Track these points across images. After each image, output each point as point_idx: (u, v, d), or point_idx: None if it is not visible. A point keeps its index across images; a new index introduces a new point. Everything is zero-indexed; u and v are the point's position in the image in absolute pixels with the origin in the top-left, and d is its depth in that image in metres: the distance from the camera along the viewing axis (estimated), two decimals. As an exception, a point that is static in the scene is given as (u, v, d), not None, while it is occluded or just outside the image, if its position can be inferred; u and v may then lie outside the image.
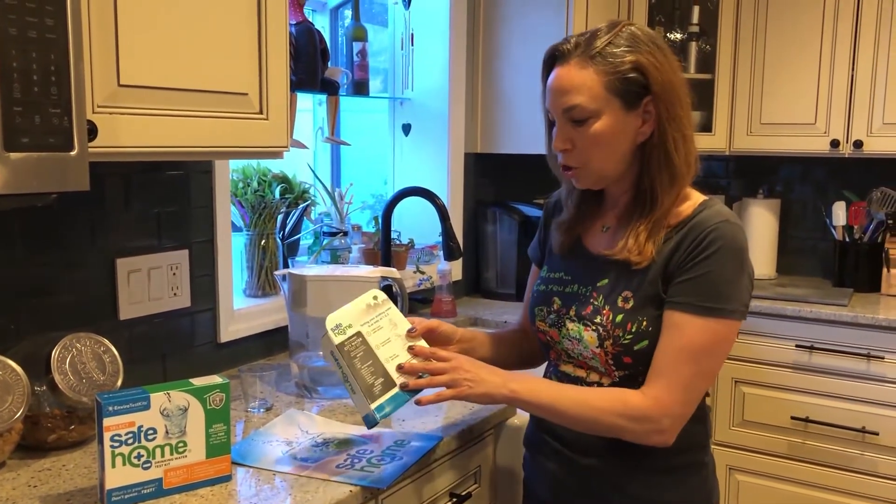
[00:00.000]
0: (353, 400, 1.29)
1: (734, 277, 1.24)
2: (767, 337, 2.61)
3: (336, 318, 1.31)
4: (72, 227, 1.55)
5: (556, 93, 1.28)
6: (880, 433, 2.45)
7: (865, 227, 2.84)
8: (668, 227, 1.29)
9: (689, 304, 1.24)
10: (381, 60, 2.72)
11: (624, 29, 1.27)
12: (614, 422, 1.25)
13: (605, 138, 1.27)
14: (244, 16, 1.39)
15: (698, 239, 1.25)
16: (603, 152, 1.28)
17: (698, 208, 1.29)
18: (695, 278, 1.24)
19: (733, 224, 1.26)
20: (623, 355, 1.29)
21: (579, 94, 1.25)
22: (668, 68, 1.27)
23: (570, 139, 1.29)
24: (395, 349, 1.32)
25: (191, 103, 1.31)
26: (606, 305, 1.30)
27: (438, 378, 1.27)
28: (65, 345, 1.35)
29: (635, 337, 1.27)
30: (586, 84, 1.25)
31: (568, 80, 1.26)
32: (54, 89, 1.04)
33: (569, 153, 1.30)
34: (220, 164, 1.84)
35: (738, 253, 1.25)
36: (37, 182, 1.05)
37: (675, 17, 3.05)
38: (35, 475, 1.30)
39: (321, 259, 2.23)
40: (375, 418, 1.25)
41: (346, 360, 1.27)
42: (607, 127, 1.26)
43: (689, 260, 1.25)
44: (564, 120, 1.29)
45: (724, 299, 1.23)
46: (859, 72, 2.65)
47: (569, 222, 1.42)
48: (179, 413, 1.22)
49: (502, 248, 2.78)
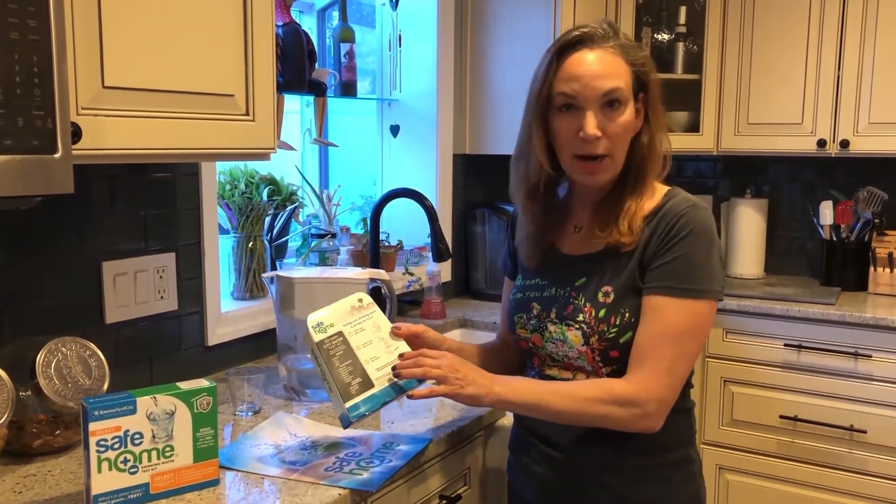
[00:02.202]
0: (331, 399, 1.29)
1: (707, 259, 1.27)
2: (756, 336, 2.62)
3: (318, 316, 1.31)
4: (57, 230, 1.54)
5: (594, 75, 1.26)
6: (868, 431, 2.46)
7: (852, 226, 2.86)
8: (641, 218, 1.31)
9: (666, 287, 1.26)
10: (369, 62, 2.72)
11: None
12: (600, 410, 1.25)
13: (629, 128, 1.30)
14: (230, 17, 1.38)
15: (669, 225, 1.28)
16: (624, 143, 1.31)
17: (665, 197, 1.33)
18: (670, 262, 1.26)
19: (701, 208, 1.30)
20: (610, 350, 1.29)
21: (620, 78, 1.27)
22: (654, 68, 1.33)
23: (602, 127, 1.27)
24: (377, 351, 1.31)
25: (176, 105, 1.30)
26: (587, 303, 1.31)
27: (432, 371, 1.26)
28: (50, 349, 1.34)
29: (620, 329, 1.28)
30: (622, 70, 1.28)
31: (609, 64, 1.27)
32: (38, 91, 1.03)
33: (599, 142, 1.27)
34: (207, 166, 1.83)
35: (709, 234, 1.28)
36: (21, 185, 1.04)
37: (663, 18, 3.06)
38: (20, 481, 1.29)
39: (309, 261, 2.22)
40: (349, 417, 1.24)
41: (325, 357, 1.27)
42: (630, 117, 1.29)
43: (663, 245, 1.27)
44: (598, 106, 1.27)
45: (699, 280, 1.26)
46: (845, 72, 2.67)
47: (539, 233, 1.40)
48: (166, 417, 1.21)
49: (491, 249, 2.78)
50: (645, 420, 1.25)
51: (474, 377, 1.28)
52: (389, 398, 1.27)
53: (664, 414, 1.27)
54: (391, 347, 1.33)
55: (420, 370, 1.26)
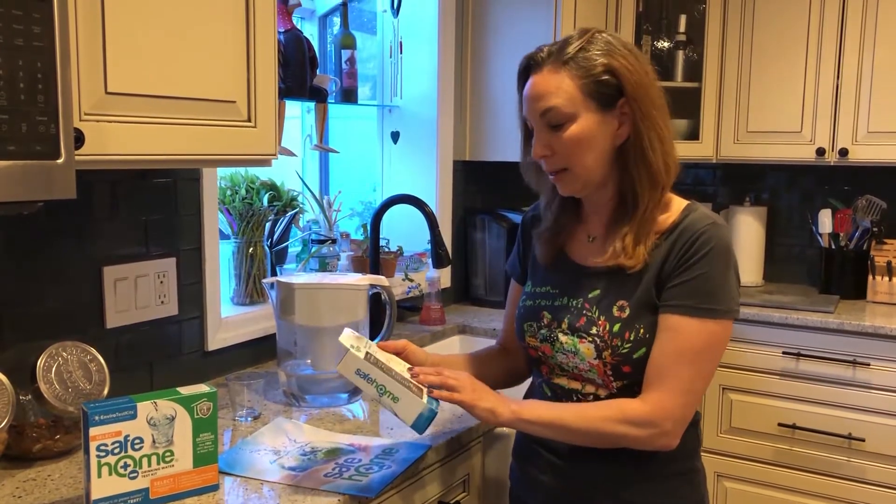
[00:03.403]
0: (397, 408, 1.26)
1: (726, 278, 1.26)
2: (754, 344, 2.62)
3: (347, 339, 1.31)
4: (58, 235, 1.54)
5: (532, 99, 1.29)
6: (866, 439, 2.46)
7: (851, 234, 2.86)
8: (657, 233, 1.30)
9: (684, 307, 1.24)
10: (370, 68, 2.73)
11: (596, 35, 1.28)
12: (618, 430, 1.25)
13: (583, 141, 1.27)
14: (232, 23, 1.38)
15: (689, 242, 1.26)
16: (583, 155, 1.28)
17: (684, 213, 1.31)
18: (688, 281, 1.25)
19: (721, 226, 1.28)
20: (622, 365, 1.28)
21: (555, 97, 1.26)
22: (641, 70, 1.28)
23: (549, 145, 1.29)
24: (399, 366, 1.33)
25: (178, 111, 1.31)
26: (602, 316, 1.30)
27: (449, 380, 1.29)
28: (51, 353, 1.34)
29: (634, 345, 1.27)
30: (561, 87, 1.26)
31: (543, 86, 1.27)
32: (41, 97, 1.04)
33: (549, 159, 1.31)
34: (208, 172, 1.84)
35: (728, 253, 1.27)
36: (23, 190, 1.04)
37: (663, 26, 3.07)
38: (20, 485, 1.29)
39: (309, 267, 2.22)
40: (434, 409, 1.25)
41: (378, 367, 1.26)
42: (584, 129, 1.26)
43: (682, 264, 1.26)
44: (542, 125, 1.29)
45: (717, 300, 1.25)
46: (844, 80, 2.68)
47: (549, 232, 1.42)
48: (166, 422, 1.21)
49: (491, 255, 2.79)
50: (662, 439, 1.26)
51: (491, 396, 1.30)
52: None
53: (681, 432, 1.28)
54: (401, 364, 1.35)
55: (437, 378, 1.29)
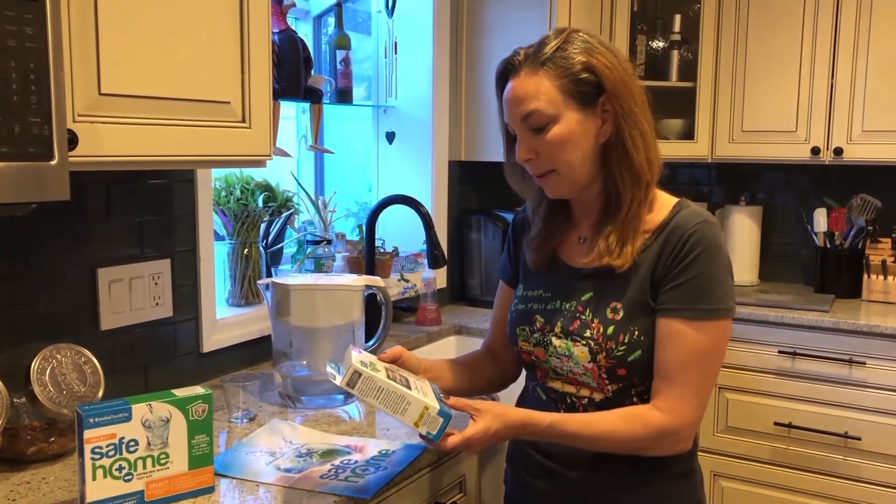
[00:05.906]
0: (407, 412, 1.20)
1: (721, 277, 1.25)
2: (750, 343, 2.62)
3: (358, 358, 1.25)
4: (52, 236, 1.54)
5: (512, 103, 1.28)
6: (862, 438, 2.47)
7: (846, 233, 2.87)
8: (647, 232, 1.29)
9: (684, 311, 1.24)
10: (365, 68, 2.72)
11: (572, 34, 1.27)
12: (638, 444, 1.26)
13: (567, 141, 1.26)
14: (226, 24, 1.38)
15: (681, 242, 1.25)
16: (567, 156, 1.27)
17: (673, 211, 1.30)
18: (685, 283, 1.24)
19: (712, 224, 1.27)
20: (617, 368, 1.27)
21: (535, 100, 1.25)
22: (620, 67, 1.27)
23: (533, 148, 1.28)
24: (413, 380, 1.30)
25: (172, 112, 1.30)
26: (595, 319, 1.29)
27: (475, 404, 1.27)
28: (45, 356, 1.33)
29: (629, 348, 1.26)
30: (541, 89, 1.25)
31: (522, 89, 1.26)
32: (34, 98, 1.03)
33: (534, 162, 1.30)
34: (203, 173, 1.83)
35: (721, 251, 1.26)
36: (16, 191, 1.04)
37: (657, 26, 3.07)
38: (14, 489, 1.28)
39: (305, 268, 2.22)
40: (448, 413, 1.20)
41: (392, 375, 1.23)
42: (567, 130, 1.25)
43: (675, 265, 1.25)
44: (524, 129, 1.28)
45: (716, 300, 1.24)
46: (839, 80, 2.68)
47: (540, 238, 1.40)
48: (161, 424, 1.20)
49: (486, 255, 2.79)
50: (679, 444, 1.29)
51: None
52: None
53: (693, 434, 1.31)
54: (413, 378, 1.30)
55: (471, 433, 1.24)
